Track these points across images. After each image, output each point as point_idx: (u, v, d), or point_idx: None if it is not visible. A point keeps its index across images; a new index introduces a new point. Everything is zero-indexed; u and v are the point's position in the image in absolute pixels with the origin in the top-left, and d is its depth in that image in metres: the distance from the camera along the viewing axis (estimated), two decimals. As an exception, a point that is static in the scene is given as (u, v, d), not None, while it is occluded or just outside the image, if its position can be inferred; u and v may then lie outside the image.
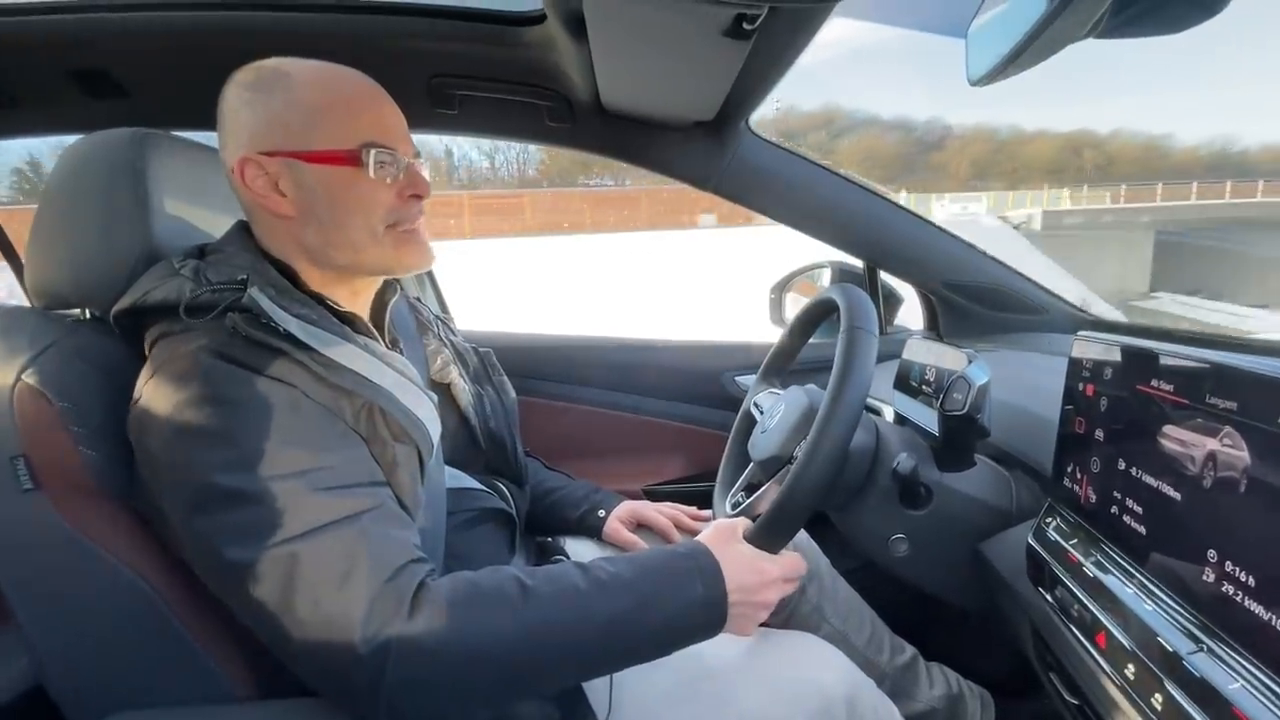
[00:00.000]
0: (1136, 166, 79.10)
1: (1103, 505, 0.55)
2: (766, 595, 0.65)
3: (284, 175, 0.61)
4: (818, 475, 0.66)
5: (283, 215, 0.62)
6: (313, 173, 0.61)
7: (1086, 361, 0.59)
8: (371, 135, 0.62)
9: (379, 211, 0.63)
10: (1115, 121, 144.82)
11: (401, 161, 0.63)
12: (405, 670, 0.50)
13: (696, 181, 1.12)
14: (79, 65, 1.00)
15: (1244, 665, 0.40)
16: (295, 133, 0.61)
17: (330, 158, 0.61)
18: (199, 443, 0.53)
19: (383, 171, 0.62)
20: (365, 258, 0.64)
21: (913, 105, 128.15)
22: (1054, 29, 0.42)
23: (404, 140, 0.65)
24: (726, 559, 0.63)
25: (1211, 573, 0.43)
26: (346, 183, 0.61)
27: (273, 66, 0.62)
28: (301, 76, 0.62)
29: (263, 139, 0.61)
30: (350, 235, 0.63)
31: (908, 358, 0.93)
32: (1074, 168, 78.80)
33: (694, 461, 1.33)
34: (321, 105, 0.61)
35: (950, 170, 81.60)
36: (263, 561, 0.51)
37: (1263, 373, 0.41)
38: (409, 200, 0.64)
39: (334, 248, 0.64)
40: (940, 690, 0.98)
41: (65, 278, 0.68)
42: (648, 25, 0.69)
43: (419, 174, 0.65)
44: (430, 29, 0.95)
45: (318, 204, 0.62)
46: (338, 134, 0.61)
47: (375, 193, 0.62)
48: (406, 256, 0.66)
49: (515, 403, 0.95)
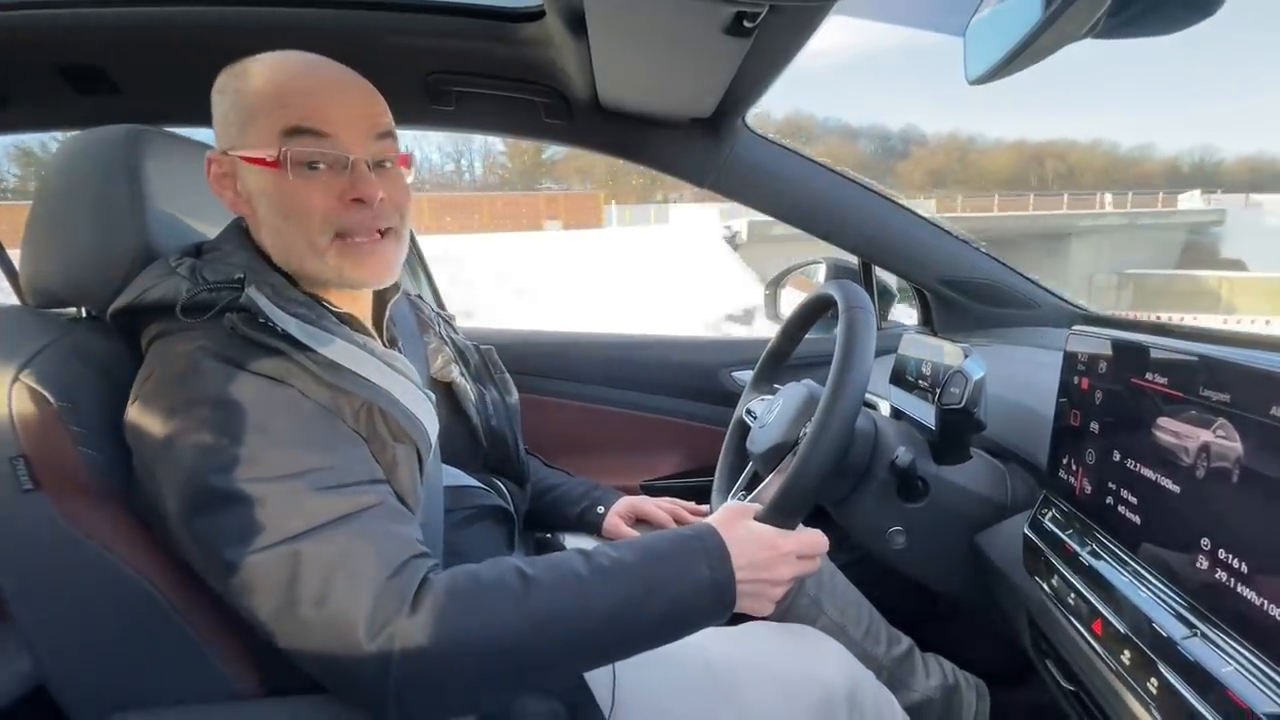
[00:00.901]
0: (1102, 177, 79.82)
1: (1098, 496, 0.57)
2: (779, 571, 0.61)
3: (236, 175, 0.61)
4: (831, 444, 0.66)
5: (246, 216, 0.63)
6: (249, 174, 0.60)
7: (1081, 356, 0.61)
8: (295, 121, 0.57)
9: (313, 219, 0.59)
10: (1094, 133, 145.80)
11: (343, 159, 0.59)
12: (410, 665, 0.50)
13: (693, 178, 1.12)
14: (70, 61, 0.98)
15: (1236, 649, 0.41)
16: (235, 131, 0.60)
17: (256, 160, 0.58)
18: (198, 444, 0.53)
19: (311, 173, 0.58)
20: (307, 267, 0.61)
21: (891, 116, 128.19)
22: (1053, 29, 0.43)
23: (359, 132, 0.59)
24: (735, 537, 0.61)
25: (1205, 560, 0.44)
26: (273, 186, 0.58)
27: (241, 64, 0.61)
28: (254, 70, 0.60)
29: (220, 137, 0.61)
30: (289, 242, 0.61)
31: (903, 353, 0.94)
32: (1037, 177, 79.59)
33: (691, 457, 1.34)
34: (255, 99, 0.58)
35: (906, 178, 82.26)
36: (265, 561, 0.51)
37: (1255, 365, 0.42)
38: (351, 206, 0.59)
39: (284, 253, 0.62)
40: (936, 681, 0.99)
41: (60, 276, 0.67)
42: (649, 22, 0.69)
43: (364, 176, 0.59)
44: (428, 25, 0.95)
45: (259, 207, 0.61)
46: (263, 132, 0.58)
47: (305, 197, 0.58)
48: (348, 269, 0.61)
49: (517, 401, 0.95)
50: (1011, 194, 39.07)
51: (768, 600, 0.62)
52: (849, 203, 1.14)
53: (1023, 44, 0.47)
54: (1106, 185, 70.17)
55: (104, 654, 0.61)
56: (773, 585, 0.61)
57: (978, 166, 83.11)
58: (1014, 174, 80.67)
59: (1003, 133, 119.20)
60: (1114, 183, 77.21)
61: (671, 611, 0.57)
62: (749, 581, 0.60)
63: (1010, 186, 73.15)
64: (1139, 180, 78.51)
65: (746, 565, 0.60)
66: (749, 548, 0.61)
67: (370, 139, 0.61)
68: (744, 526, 0.63)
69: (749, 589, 0.60)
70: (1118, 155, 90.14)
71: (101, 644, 0.61)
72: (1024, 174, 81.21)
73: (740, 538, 0.61)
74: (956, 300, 1.20)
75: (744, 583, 0.59)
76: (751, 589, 0.60)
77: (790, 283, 1.47)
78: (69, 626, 0.61)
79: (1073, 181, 76.36)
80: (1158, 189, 40.38)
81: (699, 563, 0.58)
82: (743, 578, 0.59)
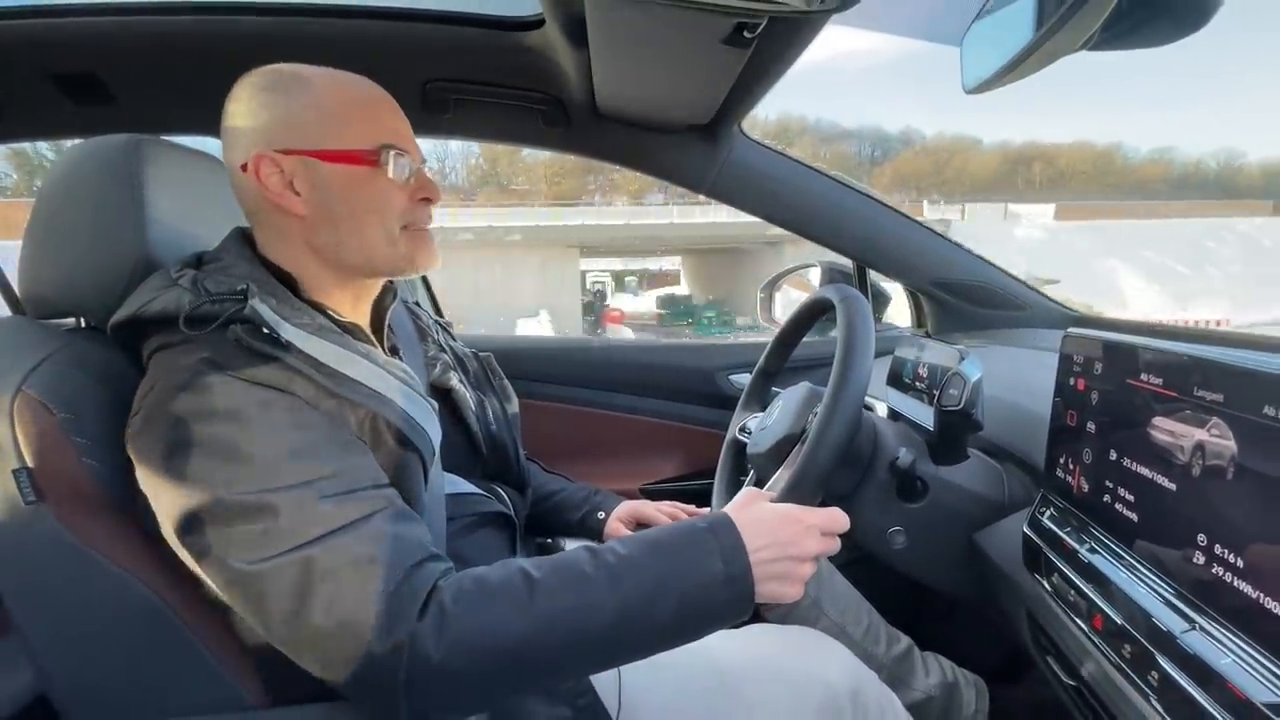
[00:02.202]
0: (1089, 181, 79.94)
1: (1095, 494, 0.58)
2: (806, 545, 0.58)
3: (300, 174, 0.61)
4: (844, 422, 0.67)
5: (294, 215, 0.63)
6: (330, 172, 0.62)
7: (1076, 357, 0.62)
8: (388, 138, 0.64)
9: (394, 213, 0.65)
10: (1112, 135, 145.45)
11: (413, 165, 0.65)
12: (421, 669, 0.50)
13: (691, 184, 1.14)
14: (64, 70, 0.98)
15: (1235, 642, 0.42)
16: (314, 132, 0.62)
17: (349, 157, 0.62)
18: (203, 457, 0.53)
19: (399, 173, 0.64)
20: (378, 257, 0.66)
21: (884, 118, 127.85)
22: (1051, 42, 0.44)
23: (414, 146, 0.67)
24: (753, 518, 0.59)
25: (1202, 556, 0.45)
26: (363, 182, 0.63)
27: (291, 69, 0.64)
28: (320, 79, 0.63)
29: (280, 137, 0.61)
30: (365, 235, 0.64)
31: (900, 355, 0.96)
32: (1023, 180, 79.71)
33: (690, 460, 1.35)
34: (341, 106, 0.63)
35: (874, 182, 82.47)
36: (275, 570, 0.51)
37: (1248, 366, 0.43)
38: (419, 203, 0.67)
39: (346, 247, 0.64)
40: (936, 679, 1.00)
41: (60, 286, 0.67)
42: (649, 32, 0.70)
43: (429, 178, 0.68)
44: (426, 34, 0.95)
45: (334, 203, 0.63)
46: (357, 134, 0.63)
47: (390, 194, 0.64)
48: (419, 256, 0.68)
49: (517, 407, 0.96)
50: (914, 199, 38.46)
51: (797, 581, 0.58)
52: (843, 207, 1.15)
53: (1019, 55, 0.49)
54: (1099, 190, 70.45)
55: (108, 665, 0.61)
56: (800, 561, 0.58)
57: (956, 170, 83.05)
58: (996, 177, 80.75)
59: (1008, 136, 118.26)
60: (1109, 187, 77.42)
61: (684, 608, 0.55)
62: (773, 561, 0.57)
63: (990, 190, 73.43)
64: (1137, 185, 78.69)
65: (770, 544, 0.57)
66: (770, 525, 0.59)
67: (417, 149, 0.68)
68: (762, 506, 0.61)
69: (776, 569, 0.57)
70: (1114, 159, 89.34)
71: (106, 655, 0.61)
72: (1007, 177, 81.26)
73: (759, 517, 0.59)
74: (949, 302, 1.22)
75: (769, 563, 0.57)
76: (778, 569, 0.57)
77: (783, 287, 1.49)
78: (73, 638, 0.60)
79: (1062, 185, 76.61)
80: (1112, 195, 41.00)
81: (711, 557, 0.56)
82: (768, 556, 0.57)
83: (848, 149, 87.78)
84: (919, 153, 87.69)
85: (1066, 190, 73.36)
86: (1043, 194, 68.76)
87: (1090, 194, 69.98)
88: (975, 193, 71.56)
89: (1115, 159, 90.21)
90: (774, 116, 68.35)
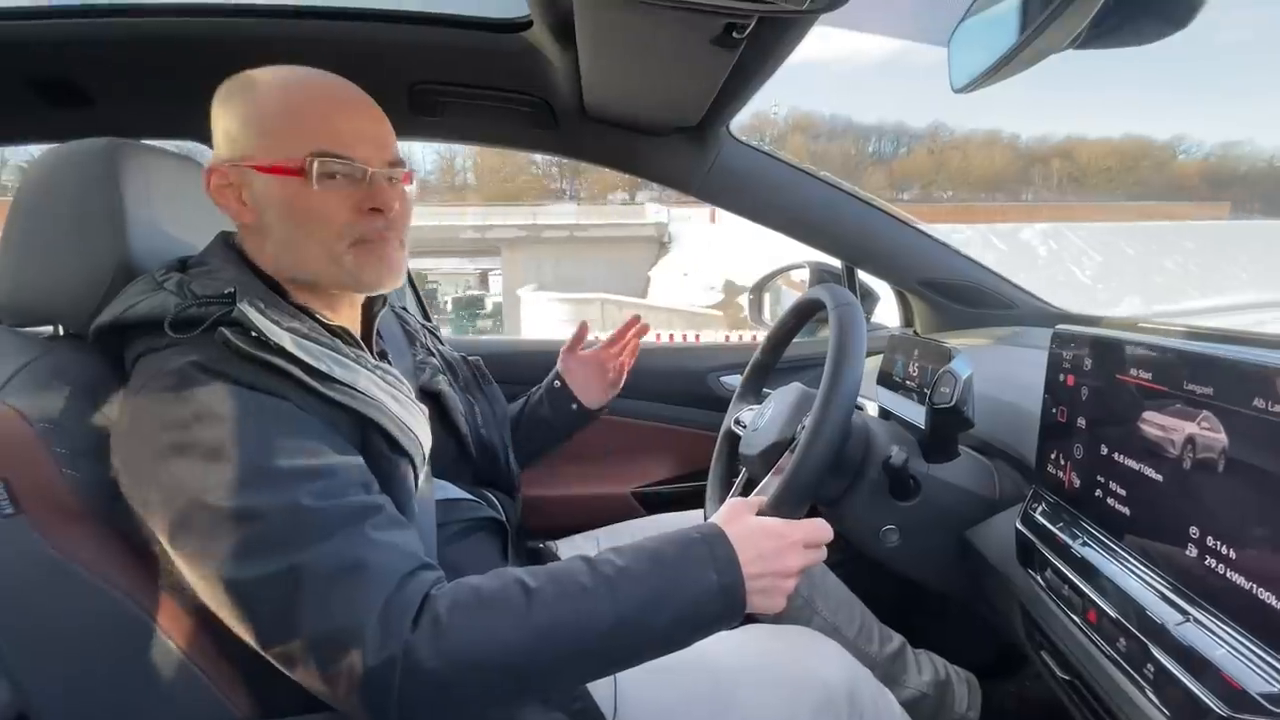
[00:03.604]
0: (1110, 179, 77.70)
1: (1087, 489, 0.58)
2: (789, 561, 0.60)
3: (244, 186, 0.61)
4: (831, 433, 0.67)
5: (248, 226, 0.63)
6: (264, 184, 0.60)
7: (1066, 354, 0.63)
8: (322, 144, 0.60)
9: (333, 226, 0.61)
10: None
11: (361, 172, 0.61)
12: (415, 681, 0.50)
13: (679, 185, 1.14)
14: (40, 74, 0.96)
15: (1229, 633, 0.42)
16: (249, 143, 0.60)
17: (276, 168, 0.59)
18: (191, 462, 0.52)
19: (332, 184, 0.60)
20: (321, 274, 0.63)
21: (890, 117, 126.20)
22: (1039, 40, 0.44)
23: (374, 149, 0.62)
24: (741, 533, 0.60)
25: (1194, 548, 0.46)
26: (293, 195, 0.60)
27: (246, 75, 0.62)
28: (264, 83, 0.61)
29: (225, 148, 0.61)
30: (301, 250, 0.62)
31: (890, 354, 0.96)
32: (1040, 177, 77.89)
33: (682, 462, 1.35)
34: (274, 113, 0.60)
35: (865, 180, 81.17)
36: (265, 579, 0.50)
37: (1237, 359, 0.44)
38: (368, 215, 0.62)
39: (287, 262, 0.63)
40: (929, 676, 1.01)
41: (37, 293, 0.66)
42: (639, 33, 0.70)
43: (381, 186, 0.62)
44: (413, 36, 0.94)
45: (270, 217, 0.61)
46: (286, 143, 0.60)
47: (325, 206, 0.60)
48: (364, 274, 0.63)
49: (506, 411, 0.95)
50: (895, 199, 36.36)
51: (780, 594, 0.60)
52: (832, 207, 1.16)
53: (1006, 55, 0.49)
54: (1119, 188, 68.29)
55: (90, 681, 0.60)
56: (784, 577, 0.60)
57: (957, 167, 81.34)
58: (1007, 174, 78.64)
59: (1019, 130, 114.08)
60: (1135, 184, 73.90)
61: (679, 619, 0.56)
62: (760, 576, 0.58)
63: (996, 188, 72.28)
64: (1169, 183, 74.56)
65: (755, 558, 0.59)
66: (756, 539, 0.60)
67: (383, 157, 0.63)
68: (749, 521, 0.62)
69: (761, 584, 0.59)
70: (1149, 155, 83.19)
71: (87, 670, 0.59)
72: (1021, 174, 77.95)
73: (746, 532, 0.60)
74: (938, 301, 1.23)
75: (756, 577, 0.58)
76: (764, 584, 0.59)
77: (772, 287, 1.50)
78: (53, 654, 0.59)
79: (1082, 184, 75.02)
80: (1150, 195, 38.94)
81: (705, 568, 0.57)
82: (754, 572, 0.58)
83: (846, 146, 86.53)
84: (928, 150, 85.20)
85: (1081, 188, 71.89)
86: (1049, 194, 67.84)
87: (1098, 194, 68.79)
88: (979, 191, 70.85)
89: (1154, 155, 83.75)
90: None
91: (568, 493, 1.29)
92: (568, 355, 1.02)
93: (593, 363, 1.02)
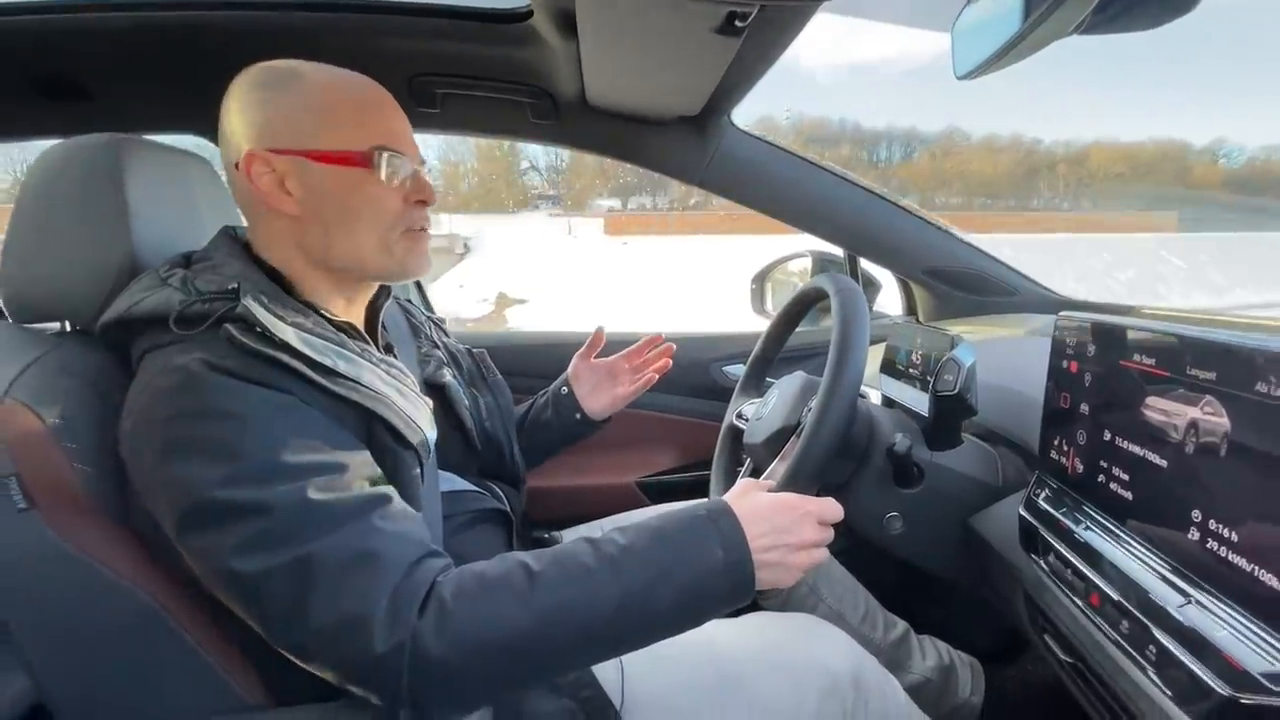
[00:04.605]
0: (1120, 184, 76.29)
1: (1090, 474, 0.59)
2: (803, 533, 0.59)
3: (291, 174, 0.61)
4: (839, 413, 0.68)
5: (286, 215, 0.62)
6: (321, 173, 0.61)
7: (1069, 340, 0.63)
8: (382, 139, 0.62)
9: (387, 216, 0.64)
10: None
11: (409, 167, 0.64)
12: (423, 666, 0.50)
13: (682, 175, 1.14)
14: (39, 68, 0.96)
15: (1230, 614, 0.43)
16: (306, 131, 0.61)
17: (341, 158, 0.61)
18: (198, 458, 0.52)
19: (392, 175, 0.63)
20: (369, 262, 0.65)
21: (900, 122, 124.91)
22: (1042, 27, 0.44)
23: (412, 147, 0.65)
24: (752, 506, 0.60)
25: (1196, 531, 0.46)
26: (355, 184, 0.62)
27: (287, 66, 0.63)
28: (315, 77, 0.62)
29: (272, 136, 0.60)
30: (357, 238, 0.63)
31: (893, 342, 0.96)
32: (1045, 183, 76.86)
33: (685, 452, 1.35)
34: (334, 105, 0.62)
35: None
36: (274, 570, 0.51)
37: (1239, 344, 0.44)
38: (414, 206, 0.65)
39: (336, 250, 0.63)
40: (933, 661, 1.02)
41: (44, 290, 0.66)
42: (640, 23, 0.70)
43: (425, 181, 0.66)
44: (412, 27, 0.94)
45: (325, 205, 0.62)
46: (349, 135, 0.61)
47: (384, 197, 0.63)
48: (410, 262, 0.67)
49: (511, 403, 0.96)
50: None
51: (792, 569, 0.59)
52: (834, 197, 1.16)
53: (1011, 41, 0.49)
54: (1127, 195, 66.81)
55: (105, 672, 0.60)
56: (797, 549, 0.59)
57: (953, 171, 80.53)
58: (1007, 180, 77.37)
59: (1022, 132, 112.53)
60: (1145, 191, 72.89)
61: (684, 597, 0.55)
62: (772, 549, 0.58)
63: (997, 194, 71.32)
64: (1189, 189, 73.08)
65: (768, 531, 0.58)
66: (766, 513, 0.59)
67: (416, 153, 0.66)
68: (759, 496, 0.62)
69: (773, 557, 0.58)
70: (1171, 159, 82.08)
71: (102, 662, 0.60)
72: (1025, 180, 77.24)
73: (758, 505, 0.60)
74: (940, 289, 1.23)
75: (767, 550, 0.58)
76: (775, 557, 0.58)
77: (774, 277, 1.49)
78: (68, 645, 0.60)
79: (1089, 189, 73.83)
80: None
81: (711, 544, 0.56)
82: (766, 544, 0.58)
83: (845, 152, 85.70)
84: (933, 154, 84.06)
85: (1089, 194, 70.72)
86: (1054, 200, 66.60)
87: (1109, 202, 67.50)
88: (974, 197, 70.00)
89: (1173, 159, 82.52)
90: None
91: (572, 483, 1.30)
92: (580, 360, 1.01)
93: (604, 371, 1.01)
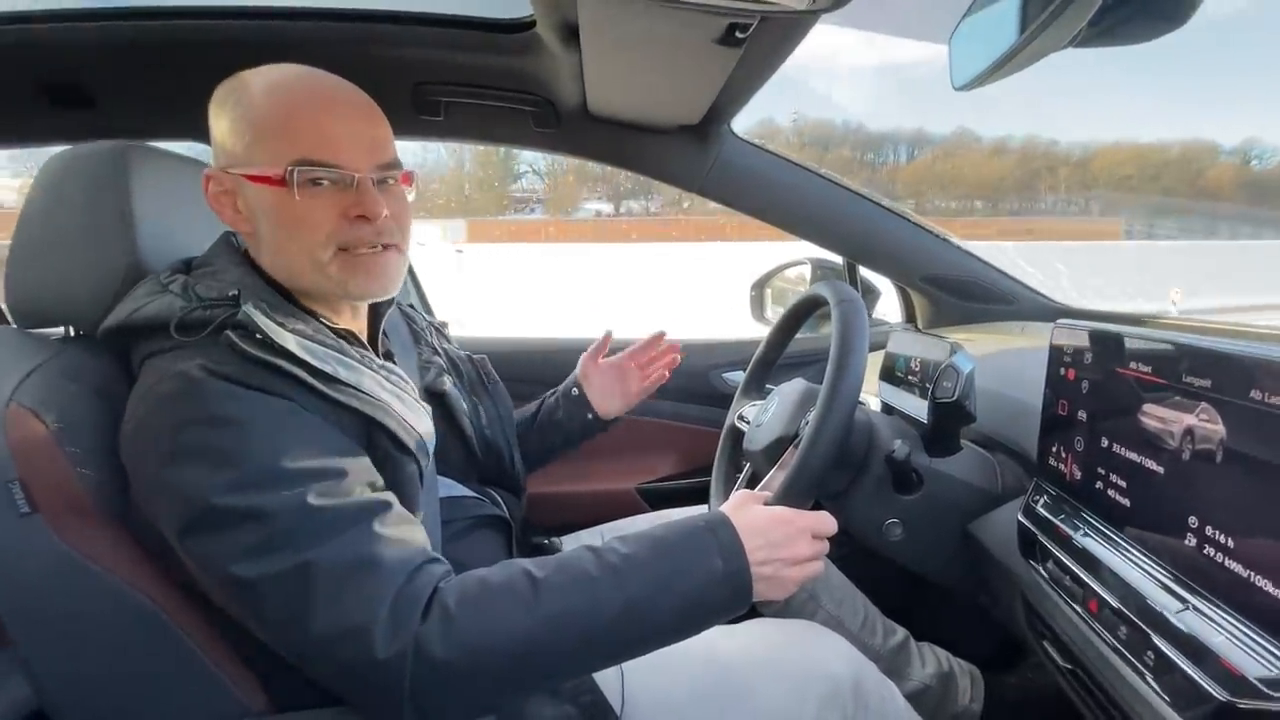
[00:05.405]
0: (1128, 187, 76.24)
1: (1088, 481, 0.59)
2: (798, 548, 0.60)
3: (237, 193, 0.61)
4: (836, 425, 0.68)
5: (245, 233, 0.63)
6: (253, 193, 0.60)
7: (1067, 348, 0.63)
8: (308, 151, 0.58)
9: (317, 235, 0.60)
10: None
11: (348, 178, 0.59)
12: (425, 672, 0.50)
13: (683, 184, 1.14)
14: (47, 76, 0.97)
15: (1227, 620, 0.43)
16: (240, 151, 0.60)
17: (261, 178, 0.59)
18: (198, 464, 0.52)
19: (318, 191, 0.59)
20: (306, 281, 0.62)
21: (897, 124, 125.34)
22: (1039, 39, 0.45)
23: (365, 151, 0.61)
24: (749, 520, 0.60)
25: (1193, 538, 0.46)
26: (278, 205, 0.59)
27: (237, 77, 0.62)
28: (254, 88, 0.60)
29: (223, 154, 0.61)
30: (289, 258, 0.62)
31: (892, 350, 0.97)
32: (1046, 186, 76.67)
33: (685, 459, 1.36)
34: (264, 119, 0.59)
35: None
36: (275, 576, 0.51)
37: (1234, 352, 0.44)
38: (354, 222, 0.60)
39: (280, 270, 0.63)
40: (932, 669, 1.01)
41: (48, 295, 0.66)
42: (642, 33, 0.71)
43: (368, 192, 0.60)
44: (415, 37, 0.95)
45: (262, 224, 0.61)
46: (270, 153, 0.58)
47: (310, 215, 0.59)
48: (350, 284, 0.62)
49: (511, 409, 0.96)
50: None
51: (788, 582, 0.60)
52: (834, 205, 1.16)
53: (1008, 53, 0.50)
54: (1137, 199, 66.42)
55: (107, 678, 0.60)
56: (791, 564, 0.60)
57: (948, 174, 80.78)
58: (1005, 183, 77.45)
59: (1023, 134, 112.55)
60: (1156, 194, 72.59)
61: (685, 606, 0.56)
62: (767, 563, 0.59)
63: (994, 197, 71.07)
64: (1202, 192, 73.28)
65: (764, 545, 0.59)
66: (764, 526, 0.60)
67: (374, 159, 0.62)
68: (756, 509, 0.63)
69: (767, 571, 0.59)
70: (1190, 162, 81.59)
71: (105, 668, 0.60)
72: (1025, 183, 77.32)
73: (754, 519, 0.61)
74: (939, 297, 1.24)
75: (763, 564, 0.58)
76: (770, 570, 0.59)
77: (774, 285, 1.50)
78: (70, 651, 0.60)
79: (1092, 192, 73.34)
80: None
81: (711, 555, 0.57)
82: (761, 558, 0.58)
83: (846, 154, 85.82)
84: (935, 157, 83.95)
85: (1098, 199, 70.28)
86: (1058, 204, 65.91)
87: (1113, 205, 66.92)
88: (968, 200, 69.86)
89: (1183, 161, 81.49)
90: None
91: (572, 489, 1.30)
92: (588, 361, 1.01)
93: (613, 372, 1.01)
